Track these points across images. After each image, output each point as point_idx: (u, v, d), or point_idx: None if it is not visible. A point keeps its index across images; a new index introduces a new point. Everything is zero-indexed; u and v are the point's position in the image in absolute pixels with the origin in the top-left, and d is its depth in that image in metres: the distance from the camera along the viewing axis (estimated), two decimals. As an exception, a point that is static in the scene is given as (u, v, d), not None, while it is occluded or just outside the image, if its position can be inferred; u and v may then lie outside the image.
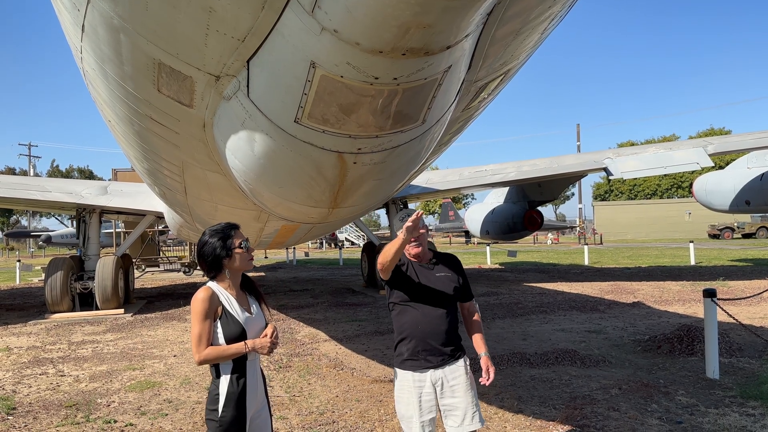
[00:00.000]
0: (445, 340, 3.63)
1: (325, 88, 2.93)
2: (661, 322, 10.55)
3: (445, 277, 3.73)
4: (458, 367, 3.66)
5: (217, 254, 3.12)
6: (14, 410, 6.46)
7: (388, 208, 18.64)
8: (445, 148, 6.50)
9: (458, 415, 3.60)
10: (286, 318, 12.59)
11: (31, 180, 19.74)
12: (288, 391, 6.93)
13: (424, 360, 3.60)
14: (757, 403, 5.89)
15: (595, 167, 15.98)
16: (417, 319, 3.63)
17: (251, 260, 3.25)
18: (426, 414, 3.61)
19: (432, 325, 3.62)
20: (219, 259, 3.13)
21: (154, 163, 6.19)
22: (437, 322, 3.63)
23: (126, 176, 22.46)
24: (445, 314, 3.65)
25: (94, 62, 4.10)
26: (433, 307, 3.64)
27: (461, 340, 3.75)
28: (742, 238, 51.64)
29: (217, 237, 3.14)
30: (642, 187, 78.50)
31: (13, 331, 12.13)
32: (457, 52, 2.83)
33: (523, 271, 23.32)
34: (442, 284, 3.69)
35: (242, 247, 3.17)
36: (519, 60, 4.15)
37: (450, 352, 3.65)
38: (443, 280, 3.71)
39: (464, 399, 3.61)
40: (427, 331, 3.60)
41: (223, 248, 3.12)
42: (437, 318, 3.63)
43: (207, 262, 3.15)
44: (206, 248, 3.14)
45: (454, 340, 3.68)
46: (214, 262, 3.14)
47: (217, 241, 3.13)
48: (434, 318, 3.63)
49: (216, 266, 3.15)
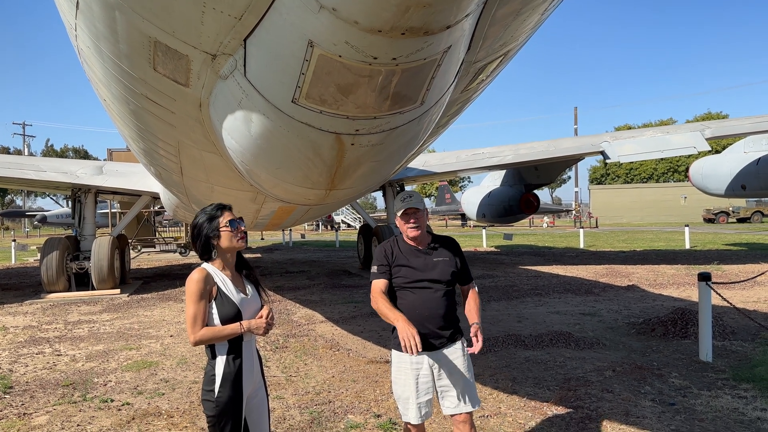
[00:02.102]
0: (443, 324, 3.65)
1: (322, 67, 2.90)
2: (656, 306, 10.62)
3: (443, 262, 3.72)
4: (455, 350, 3.69)
5: (206, 235, 3.14)
6: (11, 389, 6.48)
7: (384, 191, 18.64)
8: (443, 130, 6.46)
9: (454, 396, 3.64)
10: (283, 299, 12.63)
11: (26, 159, 19.62)
12: (284, 371, 6.97)
13: (423, 343, 3.59)
14: (750, 385, 5.95)
15: (592, 150, 15.97)
16: (414, 304, 3.64)
17: (241, 239, 3.20)
18: (423, 395, 3.64)
19: (429, 310, 3.63)
20: (208, 240, 3.15)
21: (150, 143, 6.15)
22: (435, 306, 3.63)
23: (121, 156, 22.38)
24: (442, 298, 3.65)
25: (89, 40, 4.05)
26: (431, 291, 3.65)
27: (459, 322, 3.76)
28: (737, 222, 51.87)
29: (205, 218, 3.16)
30: (638, 170, 78.57)
31: (9, 310, 12.13)
32: (456, 32, 2.79)
33: (519, 254, 23.39)
34: (439, 268, 3.68)
35: (228, 226, 3.14)
36: (518, 41, 4.11)
37: (448, 335, 3.67)
38: (441, 265, 3.70)
39: (460, 380, 3.65)
40: (425, 316, 3.61)
41: (210, 228, 3.14)
42: (435, 302, 3.64)
43: (198, 243, 3.17)
44: (197, 230, 3.16)
45: (452, 324, 3.70)
46: (205, 243, 3.15)
47: (205, 222, 3.15)
48: (432, 302, 3.63)
49: (207, 247, 3.16)
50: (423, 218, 3.70)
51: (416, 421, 3.65)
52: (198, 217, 3.19)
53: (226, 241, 3.15)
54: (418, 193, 3.92)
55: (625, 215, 62.35)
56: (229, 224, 3.14)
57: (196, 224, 3.17)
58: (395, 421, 5.18)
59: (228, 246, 3.17)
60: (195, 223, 3.18)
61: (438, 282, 3.65)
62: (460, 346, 3.71)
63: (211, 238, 3.14)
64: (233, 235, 3.16)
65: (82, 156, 78.61)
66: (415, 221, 3.67)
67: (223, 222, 3.14)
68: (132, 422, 5.37)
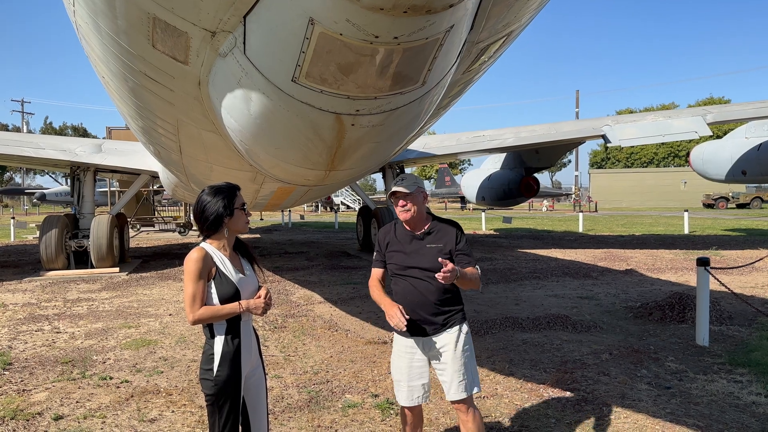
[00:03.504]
0: (436, 311, 3.59)
1: (323, 46, 2.86)
2: (653, 290, 10.65)
3: (436, 249, 3.60)
4: (448, 335, 3.62)
5: (220, 213, 3.09)
6: (10, 366, 6.51)
7: (384, 172, 18.57)
8: (444, 111, 6.42)
9: (448, 383, 3.61)
10: (282, 280, 12.65)
11: (25, 137, 19.52)
12: (283, 350, 7.00)
13: (414, 328, 3.59)
14: (745, 370, 5.99)
15: (593, 134, 15.89)
16: (406, 290, 3.62)
17: (248, 223, 3.26)
18: (415, 379, 3.65)
19: (421, 296, 3.58)
20: (221, 218, 3.10)
21: (149, 121, 6.11)
22: (426, 293, 3.58)
23: (120, 134, 22.24)
24: (433, 286, 3.54)
25: (87, 16, 4.00)
26: (421, 278, 3.58)
27: (457, 307, 3.69)
28: (737, 208, 51.89)
29: (221, 195, 3.11)
30: (639, 155, 78.44)
31: (8, 287, 12.16)
32: (459, 12, 2.75)
33: (518, 237, 23.42)
34: (431, 255, 3.56)
35: (243, 209, 3.17)
36: (521, 22, 4.07)
37: (441, 321, 3.61)
38: (433, 252, 3.58)
39: (450, 368, 3.59)
40: (416, 302, 3.58)
41: (226, 207, 3.10)
42: (426, 289, 3.57)
43: (208, 220, 3.10)
44: (209, 206, 3.09)
45: (446, 310, 3.62)
46: (216, 220, 3.10)
47: (222, 199, 3.10)
48: (423, 289, 3.58)
49: (216, 225, 3.11)
50: (416, 202, 3.59)
51: (405, 403, 3.70)
52: (210, 194, 3.11)
53: (238, 222, 3.16)
54: (414, 176, 3.77)
55: (624, 200, 62.35)
56: (243, 206, 3.17)
57: (209, 201, 3.09)
58: (392, 402, 5.21)
59: (237, 228, 3.17)
60: (207, 200, 3.10)
61: (428, 270, 3.53)
62: (455, 333, 3.62)
63: (224, 216, 3.10)
64: (245, 218, 3.18)
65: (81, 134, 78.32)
66: (404, 204, 3.59)
67: (239, 202, 3.15)
68: (131, 399, 5.40)
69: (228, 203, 3.10)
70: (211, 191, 3.13)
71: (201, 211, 3.12)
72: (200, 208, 3.12)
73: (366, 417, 4.94)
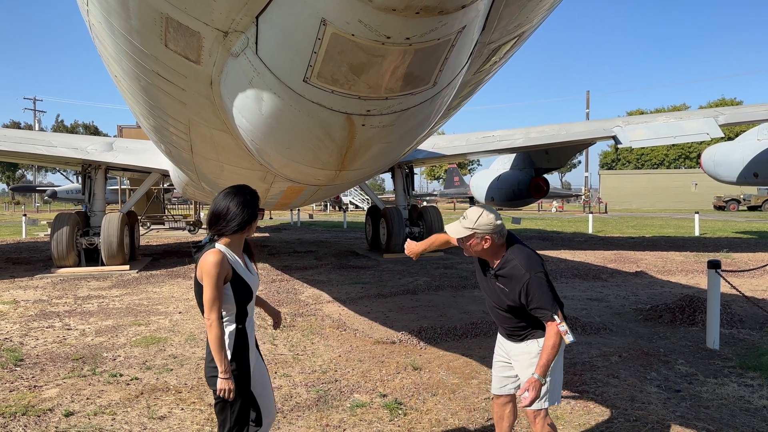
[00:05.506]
0: (512, 329, 3.72)
1: (335, 46, 2.87)
2: (663, 292, 10.59)
3: (501, 292, 3.59)
4: (523, 346, 3.68)
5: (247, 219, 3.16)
6: (22, 362, 6.57)
7: (393, 172, 18.56)
8: (455, 112, 6.41)
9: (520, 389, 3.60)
10: (290, 279, 12.69)
11: (37, 134, 19.67)
12: (291, 349, 7.02)
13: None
14: (756, 374, 5.94)
15: (604, 135, 15.82)
16: (489, 305, 3.84)
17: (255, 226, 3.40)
18: (497, 371, 3.94)
19: (498, 317, 3.78)
20: (246, 224, 3.17)
21: (161, 120, 6.14)
22: (501, 317, 3.74)
23: (131, 133, 22.35)
24: (506, 315, 3.67)
25: (101, 15, 4.03)
26: (497, 308, 3.73)
27: (535, 324, 3.59)
28: (748, 210, 51.43)
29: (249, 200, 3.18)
30: (649, 156, 77.95)
31: (20, 284, 12.27)
32: (471, 12, 2.75)
33: (527, 238, 23.34)
34: (497, 297, 3.64)
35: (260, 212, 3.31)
36: (533, 22, 4.06)
37: (516, 334, 3.71)
38: (498, 294, 3.62)
39: (523, 377, 3.66)
40: (495, 318, 3.83)
41: (253, 214, 3.19)
42: (501, 314, 3.72)
43: (240, 223, 3.13)
44: (237, 211, 3.12)
45: (522, 330, 3.67)
46: (242, 225, 3.15)
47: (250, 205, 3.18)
48: (498, 313, 3.74)
49: (242, 229, 3.16)
50: (472, 244, 3.53)
51: (493, 391, 4.02)
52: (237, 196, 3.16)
53: (255, 225, 3.27)
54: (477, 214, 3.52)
55: (634, 201, 61.96)
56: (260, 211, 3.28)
57: (236, 204, 3.13)
58: (401, 401, 5.21)
59: (252, 231, 3.27)
60: (234, 202, 3.13)
61: (498, 307, 3.69)
62: (526, 346, 3.65)
63: (251, 221, 3.18)
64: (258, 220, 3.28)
65: (93, 132, 78.80)
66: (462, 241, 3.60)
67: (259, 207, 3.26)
68: (140, 397, 5.44)
69: (255, 209, 3.19)
70: (238, 195, 3.17)
71: (225, 213, 3.13)
72: (224, 210, 3.14)
73: (374, 417, 4.95)
